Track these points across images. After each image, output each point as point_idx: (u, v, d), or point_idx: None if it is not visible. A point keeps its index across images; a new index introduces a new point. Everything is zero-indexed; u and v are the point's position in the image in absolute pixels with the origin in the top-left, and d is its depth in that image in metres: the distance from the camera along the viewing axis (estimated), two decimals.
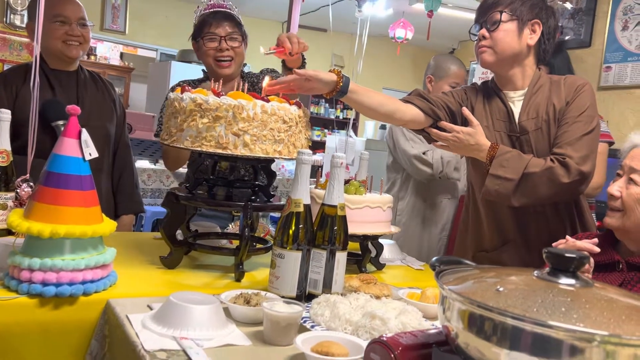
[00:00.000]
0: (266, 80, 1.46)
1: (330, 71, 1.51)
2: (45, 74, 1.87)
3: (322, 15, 6.95)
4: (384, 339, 0.83)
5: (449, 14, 6.51)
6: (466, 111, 1.64)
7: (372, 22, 3.94)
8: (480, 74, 3.39)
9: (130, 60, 7.87)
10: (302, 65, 1.72)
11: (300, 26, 6.91)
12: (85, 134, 1.15)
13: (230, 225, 1.93)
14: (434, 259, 0.92)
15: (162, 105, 1.95)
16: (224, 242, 1.65)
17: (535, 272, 0.79)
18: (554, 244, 1.32)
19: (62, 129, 1.79)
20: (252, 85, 1.97)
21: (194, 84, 1.98)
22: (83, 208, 1.12)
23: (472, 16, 1.71)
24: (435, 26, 4.62)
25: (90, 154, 1.15)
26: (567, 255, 0.75)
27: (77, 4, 1.95)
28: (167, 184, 4.49)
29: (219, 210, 1.97)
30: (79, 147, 1.13)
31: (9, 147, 1.52)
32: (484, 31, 1.62)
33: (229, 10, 1.93)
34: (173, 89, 1.93)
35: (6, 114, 1.52)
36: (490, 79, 1.75)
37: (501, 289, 0.72)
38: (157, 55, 7.48)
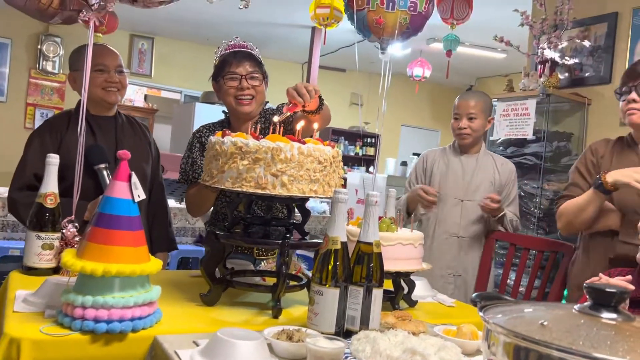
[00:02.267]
0: (301, 124, 1.52)
1: None
2: (86, 119, 1.97)
3: (341, 56, 7.15)
4: None
5: (466, 51, 6.63)
6: None
7: (381, 59, 4.05)
8: (501, 111, 3.44)
9: (154, 101, 8.12)
10: (320, 104, 1.72)
11: (320, 67, 7.08)
12: (134, 177, 1.21)
13: (262, 263, 1.97)
14: (474, 294, 0.95)
15: (185, 151, 2.00)
16: (257, 280, 1.69)
17: (576, 307, 0.81)
18: (587, 282, 1.33)
19: (104, 171, 1.88)
20: (271, 122, 1.93)
21: (215, 127, 2.00)
22: (133, 247, 1.17)
23: (490, 54, 1.81)
24: (452, 64, 4.72)
25: (139, 196, 1.21)
26: (607, 290, 0.78)
27: (115, 53, 2.06)
28: (192, 222, 4.57)
29: (240, 253, 1.99)
30: (129, 190, 1.20)
31: (57, 190, 1.60)
32: (634, 95, 1.83)
33: (249, 50, 1.95)
34: (196, 133, 1.99)
35: (55, 158, 1.61)
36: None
37: (545, 323, 0.74)
38: (182, 97, 7.71)
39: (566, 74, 3.49)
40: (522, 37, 3.69)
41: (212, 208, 2.04)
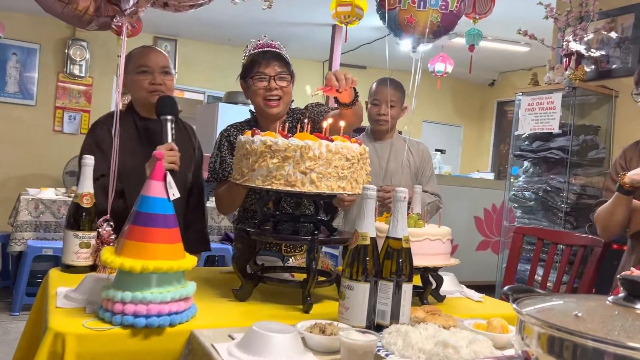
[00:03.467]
0: (329, 122, 1.54)
1: None
2: (134, 122, 1.98)
3: (361, 53, 7.13)
4: None
5: (489, 46, 6.55)
6: None
7: (411, 56, 4.04)
8: (526, 105, 3.41)
9: (178, 102, 8.18)
10: (355, 99, 1.74)
11: (340, 65, 7.06)
12: (169, 177, 1.25)
13: (290, 260, 2.00)
14: (506, 287, 0.96)
15: (214, 149, 2.03)
16: (286, 276, 1.72)
17: (610, 298, 0.82)
18: (620, 274, 1.33)
19: (168, 123, 1.85)
20: (299, 121, 1.98)
21: (242, 126, 2.02)
22: (168, 244, 1.21)
23: (513, 47, 1.81)
24: (475, 59, 4.68)
25: (173, 195, 1.25)
26: None
27: (160, 53, 2.00)
28: (218, 221, 4.64)
29: (268, 250, 2.01)
30: (164, 189, 1.23)
31: (92, 190, 1.65)
32: None
33: (277, 50, 1.95)
34: (224, 132, 2.02)
35: (90, 159, 1.66)
36: None
37: (579, 314, 0.75)
38: (205, 97, 7.79)
39: (592, 67, 3.44)
40: (546, 30, 3.65)
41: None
